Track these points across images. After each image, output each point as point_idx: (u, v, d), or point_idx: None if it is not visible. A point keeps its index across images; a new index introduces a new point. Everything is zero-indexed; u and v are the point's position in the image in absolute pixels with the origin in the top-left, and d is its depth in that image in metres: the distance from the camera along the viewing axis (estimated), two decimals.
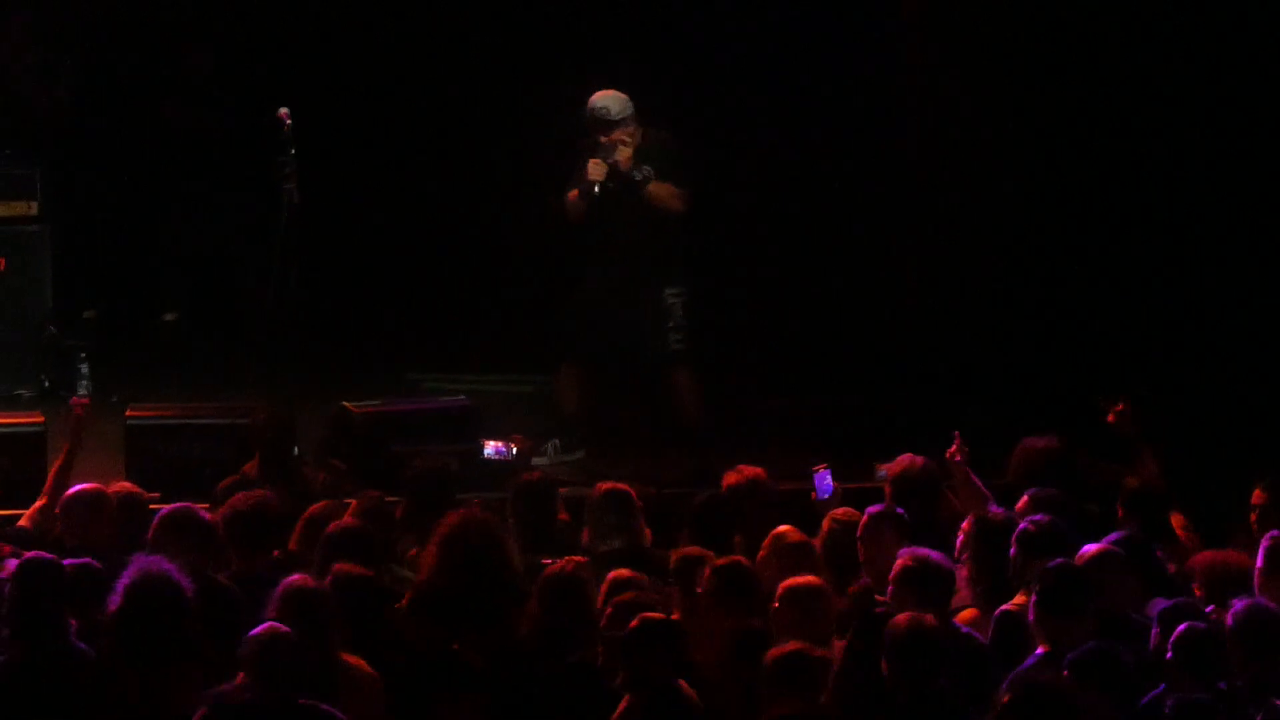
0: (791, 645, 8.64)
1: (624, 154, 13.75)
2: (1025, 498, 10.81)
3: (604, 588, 9.64)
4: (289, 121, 14.61)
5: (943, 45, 16.09)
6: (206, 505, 11.04)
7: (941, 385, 15.30)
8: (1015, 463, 11.78)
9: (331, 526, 10.23)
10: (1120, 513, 11.05)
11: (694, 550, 10.12)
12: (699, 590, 9.73)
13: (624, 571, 9.75)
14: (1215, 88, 15.42)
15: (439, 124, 17.03)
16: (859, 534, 10.39)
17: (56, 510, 11.08)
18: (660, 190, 13.76)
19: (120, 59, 17.12)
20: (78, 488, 11.11)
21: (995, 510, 10.83)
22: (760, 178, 16.52)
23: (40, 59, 16.67)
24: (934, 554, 9.74)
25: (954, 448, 11.52)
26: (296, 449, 13.43)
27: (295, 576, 9.21)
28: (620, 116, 13.76)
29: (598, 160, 13.73)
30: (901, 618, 8.81)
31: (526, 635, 9.47)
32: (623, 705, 8.71)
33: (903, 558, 9.65)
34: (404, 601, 9.88)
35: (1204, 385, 14.95)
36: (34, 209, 15.97)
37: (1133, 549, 10.17)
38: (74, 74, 16.68)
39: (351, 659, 9.04)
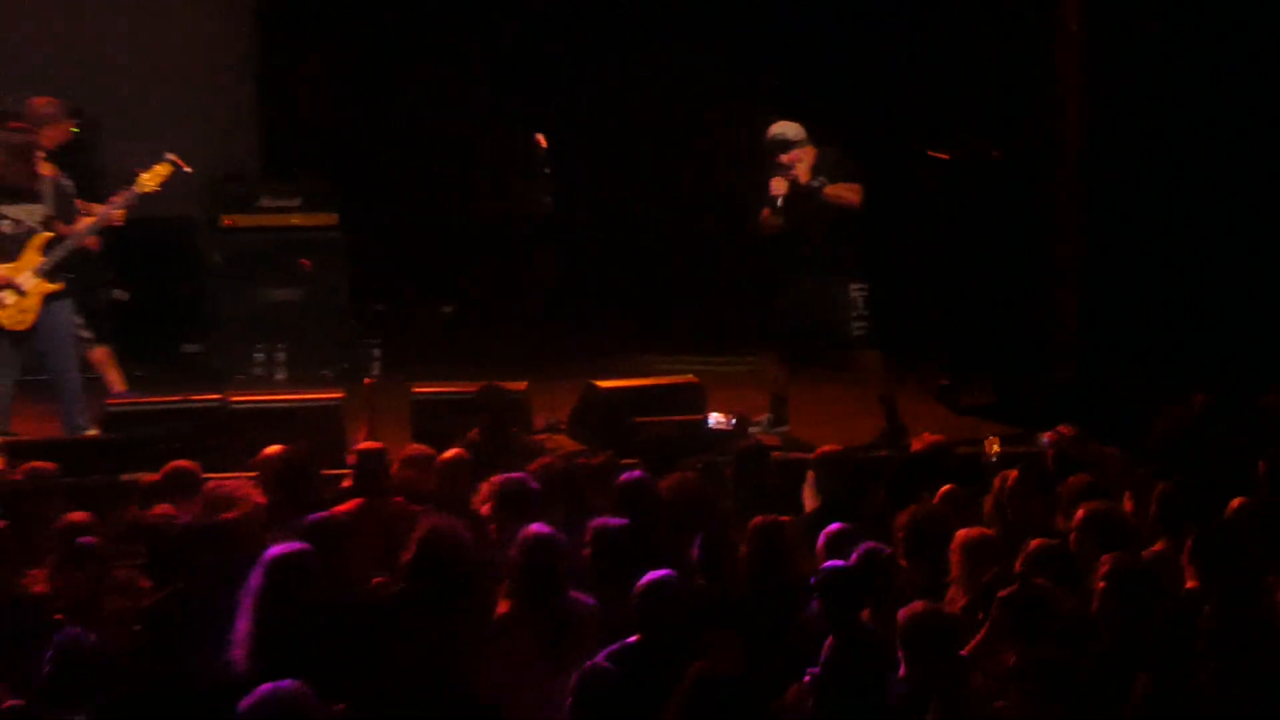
0: (918, 605, 8.11)
1: (801, 169, 13.83)
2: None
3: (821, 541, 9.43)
4: (545, 145, 14.78)
5: None
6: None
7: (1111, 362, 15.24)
8: (1158, 428, 11.79)
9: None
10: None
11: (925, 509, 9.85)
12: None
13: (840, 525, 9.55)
14: None
15: (673, 149, 17.07)
16: (1008, 490, 10.26)
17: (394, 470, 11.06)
18: (836, 190, 13.76)
19: (403, 91, 17.32)
20: (412, 446, 11.33)
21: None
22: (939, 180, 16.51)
23: (339, 93, 16.93)
24: (1108, 505, 9.59)
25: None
26: (559, 421, 13.73)
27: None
28: (796, 139, 13.82)
29: (779, 178, 13.86)
30: (1111, 556, 8.48)
31: (739, 580, 9.30)
32: (826, 645, 8.35)
33: (1083, 508, 9.43)
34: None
35: None
36: (334, 220, 16.39)
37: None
38: (367, 104, 16.93)
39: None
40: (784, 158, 13.83)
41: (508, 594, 8.70)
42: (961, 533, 9.17)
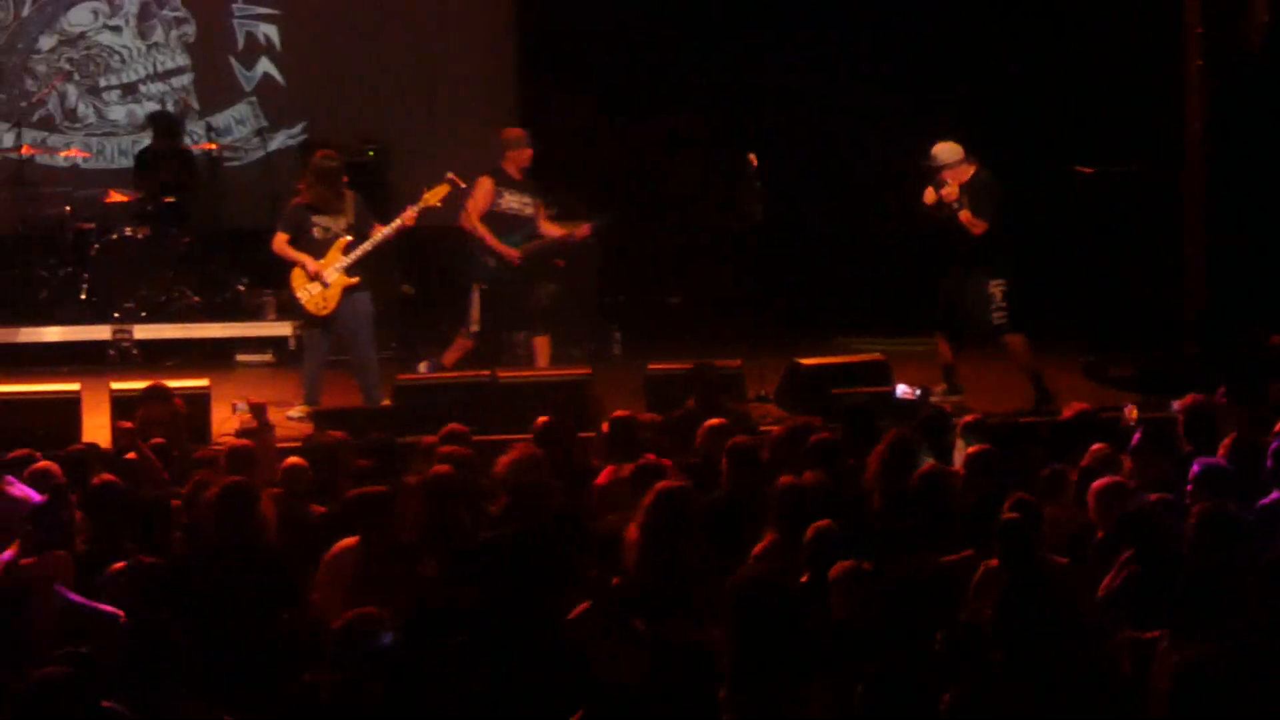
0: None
1: (948, 189, 13.90)
2: None
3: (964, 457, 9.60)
4: (755, 163, 14.84)
5: None
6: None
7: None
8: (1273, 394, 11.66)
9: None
10: None
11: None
12: None
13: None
14: None
15: (862, 164, 16.90)
16: (1130, 448, 10.09)
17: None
18: (965, 217, 13.84)
19: (641, 119, 17.49)
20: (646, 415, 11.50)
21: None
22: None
23: (588, 121, 17.13)
24: (1218, 461, 9.49)
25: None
26: (767, 392, 13.82)
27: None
28: (947, 162, 13.89)
29: (931, 189, 13.94)
30: (1200, 506, 8.34)
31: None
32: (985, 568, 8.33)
33: (1197, 464, 9.33)
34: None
35: None
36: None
37: None
38: (611, 130, 17.15)
39: None
40: (940, 175, 13.94)
41: (772, 528, 8.77)
42: (1097, 481, 9.11)
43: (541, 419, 10.81)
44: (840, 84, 16.90)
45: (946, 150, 13.95)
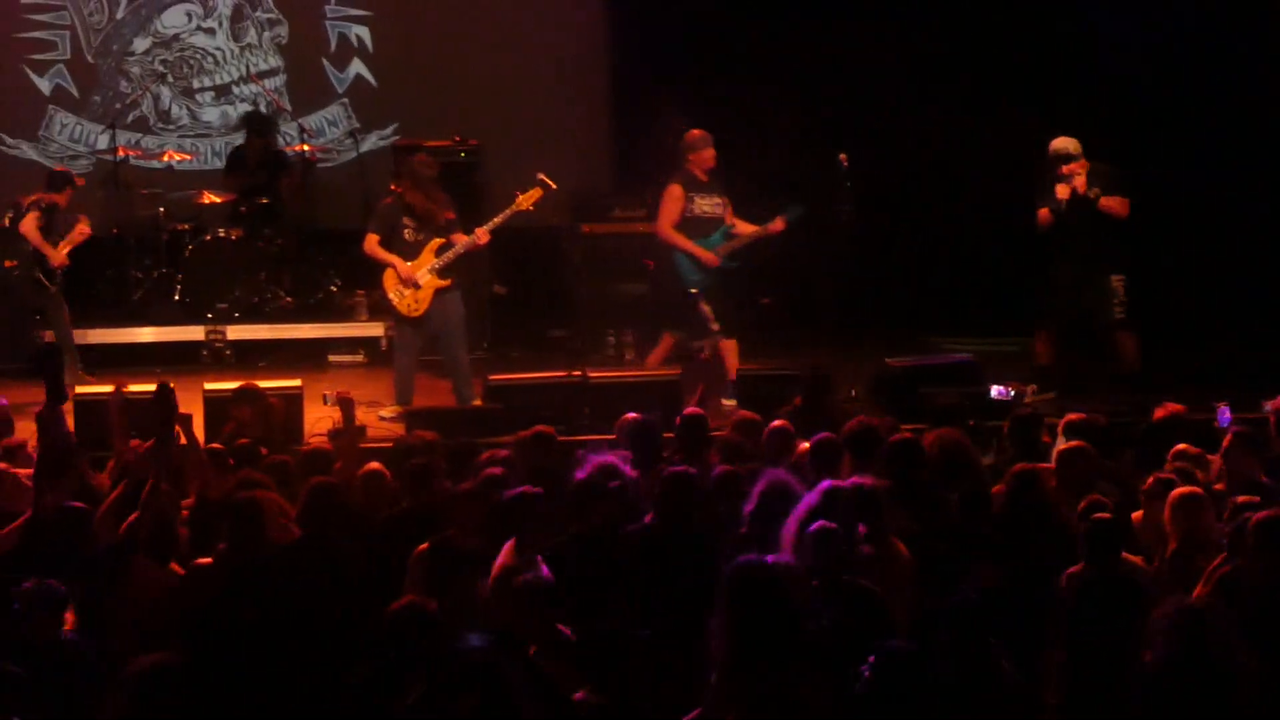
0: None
1: (1079, 180, 14.01)
2: None
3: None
4: (846, 162, 14.92)
5: None
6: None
7: None
8: None
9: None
10: None
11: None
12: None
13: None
14: None
15: (952, 164, 16.97)
16: (1222, 450, 10.00)
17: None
18: (1110, 202, 14.00)
19: (733, 120, 17.47)
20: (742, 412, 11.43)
21: None
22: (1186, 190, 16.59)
23: (679, 122, 17.21)
24: None
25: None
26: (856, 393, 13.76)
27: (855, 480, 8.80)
28: (1075, 154, 14.07)
29: (1063, 184, 14.00)
30: (1260, 514, 8.17)
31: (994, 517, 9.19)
32: (1076, 569, 8.23)
33: None
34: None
35: None
36: None
37: None
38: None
39: (896, 541, 8.67)
40: (1065, 169, 14.02)
41: None
42: (1175, 491, 8.94)
43: (626, 417, 10.87)
44: (933, 83, 17.04)
45: (1070, 143, 14.10)
